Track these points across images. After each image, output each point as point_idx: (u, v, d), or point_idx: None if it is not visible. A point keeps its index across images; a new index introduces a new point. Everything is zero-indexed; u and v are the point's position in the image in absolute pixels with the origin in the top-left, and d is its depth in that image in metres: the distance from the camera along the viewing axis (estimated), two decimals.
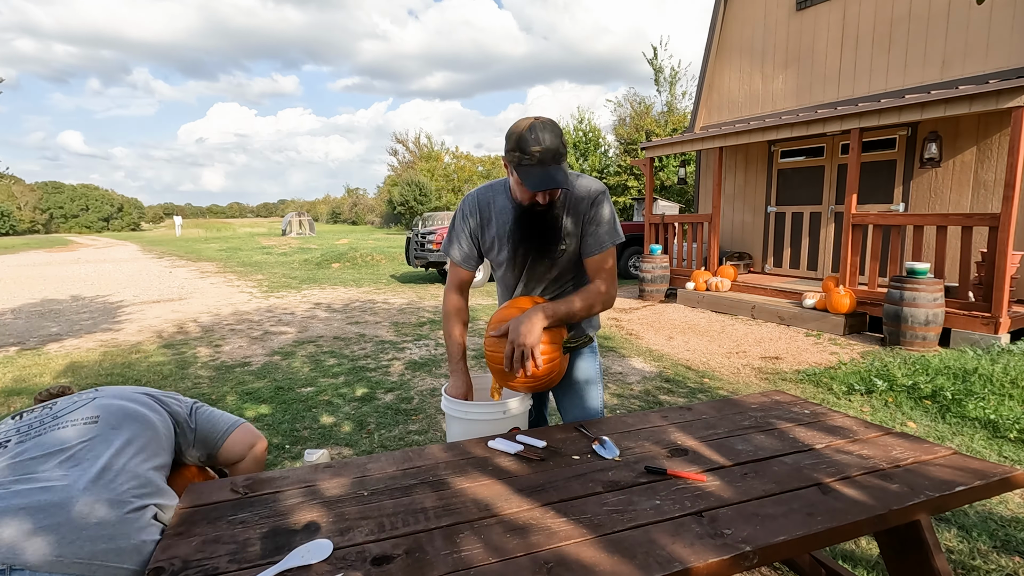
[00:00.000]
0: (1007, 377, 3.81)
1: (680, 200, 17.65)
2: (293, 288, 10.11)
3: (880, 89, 6.97)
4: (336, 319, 7.01)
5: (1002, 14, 5.91)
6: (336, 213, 58.88)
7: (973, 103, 5.09)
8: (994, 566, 1.97)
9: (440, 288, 9.94)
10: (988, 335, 4.97)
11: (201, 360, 5.07)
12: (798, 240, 8.17)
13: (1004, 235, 4.90)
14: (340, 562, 0.96)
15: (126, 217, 49.87)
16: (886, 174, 7.05)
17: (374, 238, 24.07)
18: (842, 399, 3.81)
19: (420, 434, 3.30)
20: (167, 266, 14.96)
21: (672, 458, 1.36)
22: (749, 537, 1.00)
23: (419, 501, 1.17)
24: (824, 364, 4.70)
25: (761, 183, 8.68)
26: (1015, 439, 3.05)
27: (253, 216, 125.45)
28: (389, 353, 5.23)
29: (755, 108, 8.66)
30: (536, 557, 0.96)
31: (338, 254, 15.38)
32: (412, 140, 42.59)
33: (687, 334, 5.99)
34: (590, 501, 1.15)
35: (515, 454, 1.40)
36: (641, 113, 22.39)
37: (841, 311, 5.80)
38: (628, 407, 3.70)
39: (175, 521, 1.11)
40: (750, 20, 8.64)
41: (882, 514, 1.09)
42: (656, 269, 8.15)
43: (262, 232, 38.79)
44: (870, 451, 1.39)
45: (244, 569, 0.95)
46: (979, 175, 6.19)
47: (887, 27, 6.88)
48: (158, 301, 8.71)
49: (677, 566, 0.92)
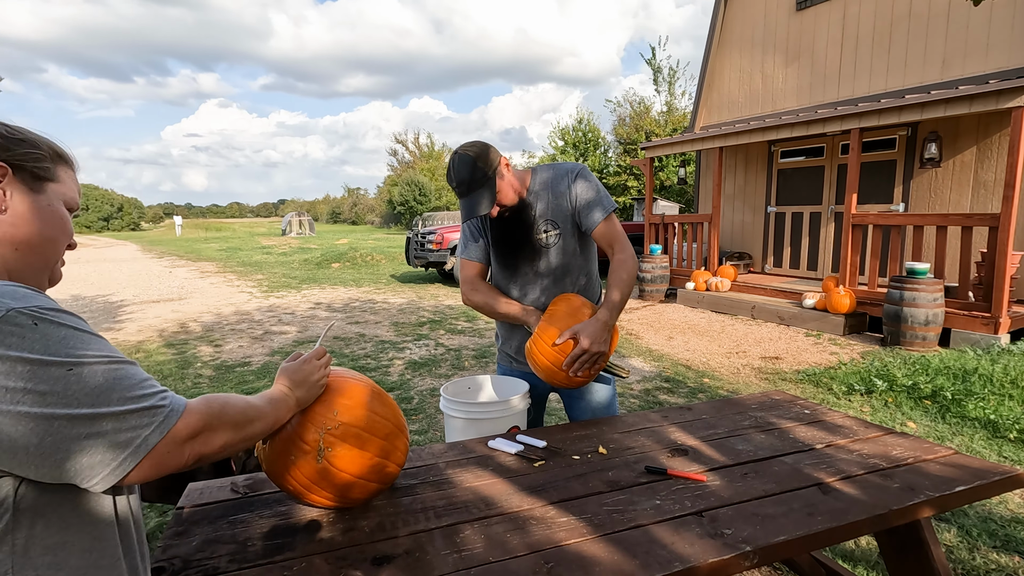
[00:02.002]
0: (1007, 377, 3.81)
1: (680, 200, 17.64)
2: (293, 288, 10.11)
3: (880, 89, 6.97)
4: (336, 319, 7.01)
5: (1002, 14, 5.91)
6: (336, 213, 58.89)
7: (973, 103, 5.09)
8: (994, 566, 1.97)
9: (440, 288, 9.94)
10: (988, 335, 4.97)
11: (202, 360, 5.07)
12: (798, 240, 8.16)
13: (1004, 235, 4.90)
14: (340, 562, 0.96)
15: (126, 217, 49.83)
16: (886, 174, 7.05)
17: (374, 238, 24.07)
18: (842, 399, 3.81)
19: (420, 434, 3.30)
20: (167, 266, 14.96)
21: (672, 458, 1.36)
22: (749, 537, 1.01)
23: (419, 501, 1.17)
24: (824, 364, 4.70)
25: (761, 183, 8.68)
26: (1015, 439, 3.05)
27: (253, 216, 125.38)
28: (389, 353, 5.23)
29: (755, 108, 8.66)
30: (536, 557, 0.96)
31: (338, 254, 15.38)
32: (412, 140, 42.61)
33: (687, 334, 5.99)
34: (590, 501, 1.15)
35: (515, 454, 1.40)
36: (641, 113, 22.38)
37: (841, 311, 5.80)
38: (628, 407, 3.70)
39: (175, 521, 1.11)
40: (750, 20, 8.64)
41: (882, 514, 1.09)
42: (656, 269, 8.15)
43: (262, 232, 38.79)
44: (870, 451, 1.39)
45: (244, 569, 0.95)
46: (979, 175, 6.19)
47: (887, 27, 6.88)
48: (158, 301, 8.71)
49: (677, 566, 0.92)
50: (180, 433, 0.67)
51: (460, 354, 5.16)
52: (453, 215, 13.43)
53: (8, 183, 0.69)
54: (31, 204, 0.70)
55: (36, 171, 0.72)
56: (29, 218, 0.70)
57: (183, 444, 0.68)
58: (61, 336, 0.62)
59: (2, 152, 0.69)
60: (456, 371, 4.64)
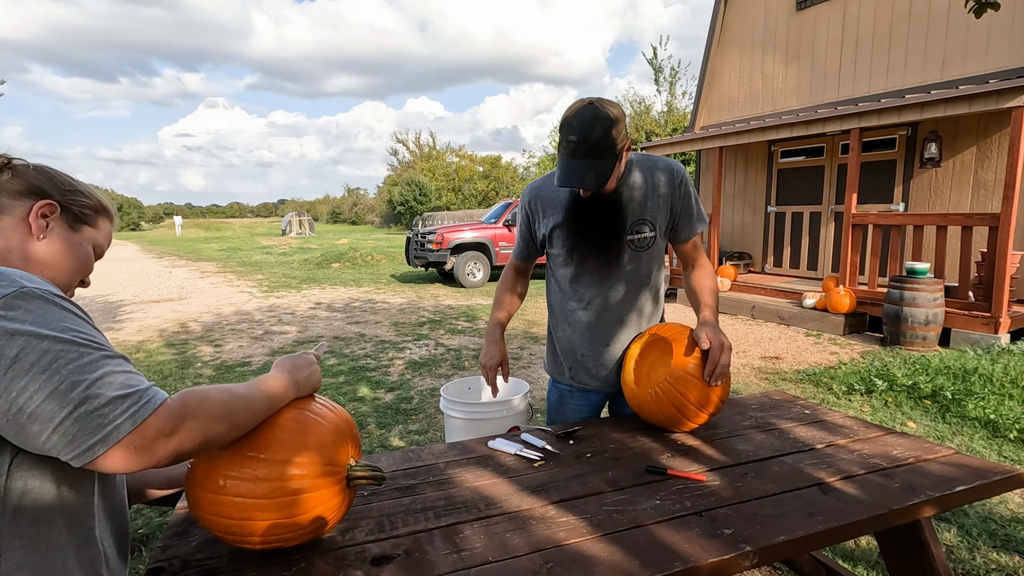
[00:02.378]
0: (1007, 377, 3.81)
1: None
2: (293, 288, 10.11)
3: (880, 89, 6.97)
4: (336, 319, 7.01)
5: (1002, 14, 5.91)
6: (336, 213, 58.87)
7: (973, 103, 5.09)
8: (994, 566, 1.97)
9: (440, 288, 9.95)
10: (988, 335, 4.97)
11: (202, 359, 5.07)
12: (798, 240, 8.16)
13: (1004, 235, 4.90)
14: (340, 562, 0.96)
15: (125, 217, 49.88)
16: (886, 174, 7.05)
17: (374, 238, 24.06)
18: (842, 399, 3.81)
19: (420, 434, 3.30)
20: (167, 266, 14.96)
21: (672, 458, 1.36)
22: (749, 537, 1.00)
23: (419, 501, 1.17)
24: (824, 364, 4.70)
25: (761, 183, 8.68)
26: (1015, 439, 3.05)
27: (253, 216, 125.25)
28: (389, 353, 5.23)
29: (755, 108, 8.66)
30: (536, 557, 0.96)
31: (338, 254, 15.38)
32: (412, 140, 42.61)
33: None
34: (590, 500, 1.15)
35: (515, 454, 1.40)
36: (641, 113, 22.38)
37: (841, 311, 5.80)
38: None
39: (175, 521, 1.11)
40: (750, 20, 8.64)
41: (882, 514, 1.09)
42: None
43: (262, 232, 38.80)
44: (870, 451, 1.39)
45: (244, 569, 0.95)
46: (979, 175, 6.19)
47: (887, 27, 6.88)
48: (158, 301, 8.71)
49: (677, 566, 0.92)
50: (151, 427, 0.68)
51: (460, 354, 5.16)
52: (453, 215, 13.41)
53: (54, 218, 0.84)
54: (66, 239, 0.85)
55: (79, 214, 0.87)
56: (61, 248, 0.84)
57: (155, 439, 0.68)
58: (62, 316, 0.68)
59: (59, 194, 0.85)
60: (456, 371, 4.64)
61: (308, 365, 1.02)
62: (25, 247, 0.81)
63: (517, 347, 5.33)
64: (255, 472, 0.88)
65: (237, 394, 0.84)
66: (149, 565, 0.97)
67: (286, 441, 0.91)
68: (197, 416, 0.74)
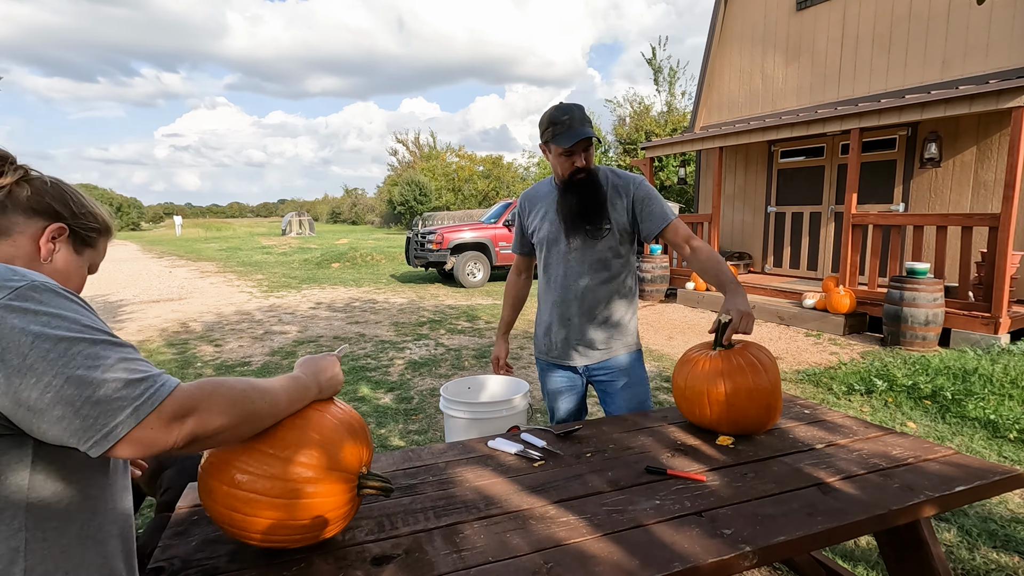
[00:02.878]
0: (1007, 377, 3.81)
1: (680, 200, 17.62)
2: (293, 288, 10.11)
3: (880, 89, 6.97)
4: (337, 319, 7.01)
5: (1002, 14, 5.91)
6: (336, 213, 58.84)
7: (973, 103, 5.09)
8: (994, 566, 1.97)
9: (440, 288, 9.95)
10: (988, 335, 4.97)
11: (202, 359, 5.07)
12: (798, 240, 8.16)
13: (1004, 235, 4.90)
14: (340, 562, 0.96)
15: (125, 217, 49.78)
16: (886, 174, 7.05)
17: (374, 238, 24.06)
18: (842, 399, 3.81)
19: (420, 434, 3.30)
20: (167, 266, 14.96)
21: (672, 458, 1.36)
22: (749, 537, 1.00)
23: (419, 500, 1.17)
24: (824, 364, 4.70)
25: (761, 183, 8.68)
26: (1015, 439, 3.05)
27: (253, 216, 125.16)
28: (389, 353, 5.23)
29: (755, 108, 8.66)
30: (537, 556, 0.96)
31: (338, 254, 15.38)
32: (412, 140, 42.60)
33: (687, 334, 5.99)
34: (590, 501, 1.15)
35: (515, 454, 1.40)
36: (641, 113, 22.37)
37: (841, 311, 5.80)
38: None
39: (175, 520, 1.11)
40: (750, 19, 8.64)
41: (882, 514, 1.09)
42: (656, 269, 8.15)
43: (262, 232, 38.79)
44: (870, 451, 1.39)
45: (244, 569, 0.95)
46: (979, 175, 6.19)
47: (887, 27, 6.88)
48: (158, 300, 8.71)
49: (677, 566, 0.92)
50: (167, 409, 0.68)
51: (460, 354, 5.16)
52: (453, 215, 13.41)
53: (62, 241, 0.85)
54: (68, 261, 0.86)
55: (85, 238, 0.88)
56: (62, 270, 0.85)
57: (171, 421, 0.69)
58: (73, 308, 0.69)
59: (71, 217, 0.85)
60: (456, 371, 4.64)
61: (331, 367, 1.02)
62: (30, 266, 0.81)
63: (517, 347, 5.33)
64: (272, 470, 0.89)
65: (257, 385, 0.84)
66: (150, 565, 0.97)
67: (306, 442, 0.91)
68: (213, 399, 0.74)
